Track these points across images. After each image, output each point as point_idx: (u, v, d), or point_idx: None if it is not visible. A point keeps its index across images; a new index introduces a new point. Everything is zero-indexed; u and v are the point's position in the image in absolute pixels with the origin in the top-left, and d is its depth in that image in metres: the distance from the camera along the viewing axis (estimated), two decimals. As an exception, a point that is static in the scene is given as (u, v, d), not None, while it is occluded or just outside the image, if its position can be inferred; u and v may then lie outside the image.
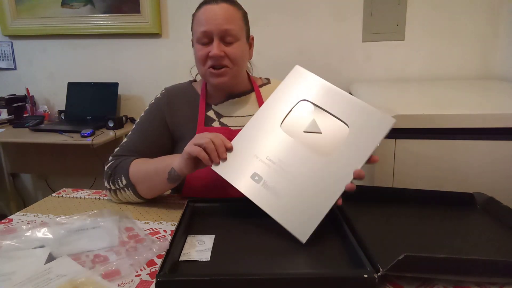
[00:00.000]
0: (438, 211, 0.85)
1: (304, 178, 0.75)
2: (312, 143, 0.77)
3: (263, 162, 0.78)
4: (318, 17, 2.09)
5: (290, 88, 0.84)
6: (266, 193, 0.75)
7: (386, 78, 2.08)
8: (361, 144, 0.75)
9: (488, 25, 1.94)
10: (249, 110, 1.05)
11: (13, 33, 2.45)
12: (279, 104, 0.83)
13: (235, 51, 0.96)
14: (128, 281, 0.62)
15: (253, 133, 0.82)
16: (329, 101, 0.80)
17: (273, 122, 0.81)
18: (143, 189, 0.93)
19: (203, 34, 0.94)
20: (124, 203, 0.96)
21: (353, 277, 0.58)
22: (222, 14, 0.94)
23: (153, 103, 1.07)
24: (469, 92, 1.53)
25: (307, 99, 0.81)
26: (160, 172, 0.89)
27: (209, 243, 0.72)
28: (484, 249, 0.71)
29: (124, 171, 0.93)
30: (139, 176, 0.92)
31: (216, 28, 0.93)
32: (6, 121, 2.36)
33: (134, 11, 2.25)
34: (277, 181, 0.75)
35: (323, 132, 0.78)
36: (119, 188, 0.94)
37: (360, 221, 0.75)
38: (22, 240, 0.74)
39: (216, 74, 0.96)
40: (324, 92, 0.81)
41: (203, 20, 0.95)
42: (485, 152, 1.07)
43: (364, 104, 0.78)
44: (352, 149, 0.75)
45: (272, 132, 0.80)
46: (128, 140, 1.02)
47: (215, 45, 0.94)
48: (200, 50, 0.96)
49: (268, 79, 1.14)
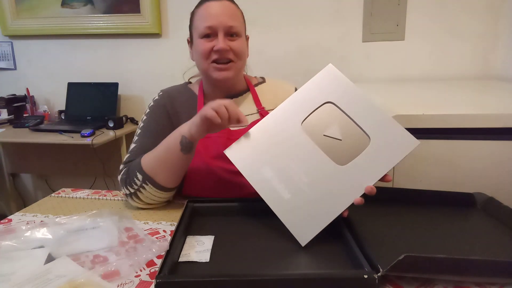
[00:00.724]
0: (438, 211, 0.85)
1: (315, 182, 0.73)
2: (330, 148, 0.75)
3: (277, 157, 0.76)
4: (318, 17, 2.09)
5: (318, 86, 0.80)
6: (274, 189, 0.74)
7: (386, 78, 2.08)
8: (379, 160, 0.72)
9: (488, 25, 1.94)
10: (247, 110, 1.05)
11: (13, 33, 2.45)
12: (304, 101, 0.79)
13: (240, 45, 0.97)
14: (127, 282, 0.62)
15: (272, 126, 0.79)
16: (355, 108, 0.77)
17: (294, 119, 0.78)
18: (162, 175, 0.89)
19: (208, 29, 0.95)
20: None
21: (353, 277, 0.58)
22: (226, 10, 0.95)
23: (153, 104, 1.05)
24: (469, 92, 1.53)
25: (333, 102, 0.78)
26: (172, 146, 0.87)
27: (209, 244, 0.71)
28: (484, 249, 0.70)
29: (137, 167, 0.90)
30: (153, 164, 0.89)
31: (221, 24, 0.94)
32: (6, 121, 2.36)
33: (134, 11, 2.25)
34: (288, 180, 0.75)
35: (343, 139, 0.75)
36: (137, 188, 0.90)
37: (360, 222, 0.75)
38: (21, 240, 0.74)
39: (220, 68, 0.96)
40: (352, 98, 0.78)
41: (207, 16, 0.95)
42: (485, 152, 1.07)
43: (391, 120, 0.75)
44: (369, 164, 0.72)
45: (292, 129, 0.78)
46: (137, 145, 0.99)
47: (220, 39, 0.94)
48: (203, 44, 0.96)
49: (263, 78, 1.14)
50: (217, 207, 0.86)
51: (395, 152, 0.72)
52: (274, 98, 1.07)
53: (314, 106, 0.79)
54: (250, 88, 1.08)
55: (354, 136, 0.75)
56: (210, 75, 0.99)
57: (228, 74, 0.97)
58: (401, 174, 1.12)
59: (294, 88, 1.09)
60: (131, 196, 0.91)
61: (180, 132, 0.86)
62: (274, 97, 1.07)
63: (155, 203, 0.93)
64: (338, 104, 0.78)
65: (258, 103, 1.05)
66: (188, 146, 0.86)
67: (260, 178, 0.76)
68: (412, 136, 0.73)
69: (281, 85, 1.11)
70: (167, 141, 0.89)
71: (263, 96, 1.07)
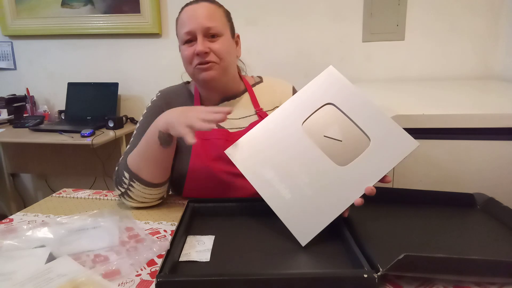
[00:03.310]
0: (438, 211, 0.85)
1: (315, 183, 0.74)
2: (330, 149, 0.75)
3: (278, 158, 0.77)
4: (318, 17, 2.09)
5: (319, 88, 0.80)
6: (275, 189, 0.75)
7: (386, 78, 2.08)
8: (379, 161, 0.73)
9: (488, 25, 1.94)
10: (245, 111, 1.04)
11: (13, 33, 2.45)
12: (304, 103, 0.80)
13: (220, 46, 0.96)
14: (128, 281, 0.62)
15: (273, 127, 0.80)
16: (356, 109, 0.77)
17: (295, 120, 0.79)
18: (146, 171, 0.89)
19: (187, 34, 0.95)
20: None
21: (353, 277, 0.58)
22: (203, 12, 0.95)
23: (151, 105, 1.06)
24: (469, 92, 1.53)
25: (333, 103, 0.78)
26: (151, 141, 0.87)
27: (209, 243, 0.72)
28: (484, 249, 0.71)
29: (124, 166, 0.91)
30: (136, 161, 0.90)
31: (198, 26, 0.94)
32: (6, 121, 2.36)
33: (134, 11, 2.25)
34: (288, 180, 0.75)
35: (343, 140, 0.76)
36: (126, 187, 0.90)
37: (360, 221, 0.75)
38: (22, 240, 0.74)
39: (202, 68, 0.95)
40: (352, 99, 0.78)
41: (185, 20, 0.96)
42: (485, 152, 1.07)
43: (391, 121, 0.75)
44: (369, 165, 0.73)
45: (293, 130, 0.78)
46: (131, 146, 0.99)
47: (199, 42, 0.94)
48: (186, 50, 0.96)
49: (261, 77, 1.13)
50: (217, 207, 0.86)
51: (394, 153, 0.73)
52: (272, 97, 1.07)
53: (314, 107, 0.79)
54: (247, 89, 1.08)
55: (354, 137, 0.75)
56: (197, 78, 0.99)
57: (211, 74, 0.96)
58: (401, 174, 1.12)
59: (292, 87, 1.10)
60: (123, 196, 0.92)
61: (157, 126, 0.86)
62: (272, 97, 1.07)
63: (148, 200, 0.92)
64: (339, 106, 0.78)
65: (256, 104, 1.05)
66: (167, 140, 0.86)
67: (260, 178, 0.76)
68: (412, 137, 0.74)
69: (279, 84, 1.10)
70: (146, 137, 0.89)
71: (261, 96, 1.07)
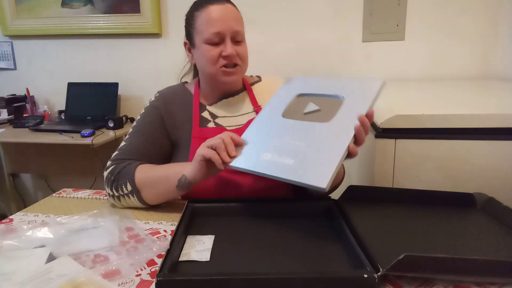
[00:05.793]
0: (438, 211, 0.85)
1: (311, 141, 0.78)
2: (314, 118, 0.84)
3: (271, 141, 0.82)
4: (318, 17, 2.09)
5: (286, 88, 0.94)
6: (277, 163, 0.76)
7: (386, 78, 2.08)
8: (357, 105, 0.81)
9: (488, 25, 1.94)
10: (243, 109, 1.05)
11: (13, 33, 2.45)
12: (278, 101, 0.92)
13: (244, 50, 0.99)
14: (128, 281, 0.62)
15: (258, 126, 0.88)
16: (321, 87, 0.90)
17: (275, 114, 0.88)
18: (149, 195, 0.91)
19: (216, 35, 0.95)
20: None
21: (353, 277, 0.58)
22: (232, 15, 0.96)
23: (148, 106, 1.06)
24: (469, 92, 1.53)
25: (302, 93, 0.91)
26: (171, 179, 0.87)
27: (209, 243, 0.72)
28: (484, 249, 0.71)
29: (129, 177, 0.91)
30: (145, 182, 0.90)
31: (229, 29, 0.95)
32: (6, 121, 2.36)
33: (134, 11, 2.25)
34: (286, 150, 0.78)
35: (321, 109, 0.85)
36: (123, 194, 0.92)
37: (360, 221, 0.75)
38: (22, 240, 0.74)
39: (229, 72, 0.97)
40: (315, 83, 0.92)
41: (213, 21, 0.94)
42: (485, 152, 1.07)
43: (353, 79, 0.88)
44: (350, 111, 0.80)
45: (276, 121, 0.87)
46: (127, 143, 1.00)
47: (228, 45, 0.95)
48: (211, 50, 0.96)
49: (259, 76, 1.15)
50: (217, 207, 0.86)
51: (367, 94, 0.82)
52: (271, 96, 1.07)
53: (288, 101, 0.91)
54: (246, 87, 1.09)
55: (330, 103, 0.85)
56: (218, 79, 0.99)
57: (235, 78, 1.00)
58: (401, 174, 1.12)
59: None
60: (112, 197, 0.94)
61: (183, 170, 0.87)
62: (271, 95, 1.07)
63: (133, 208, 0.95)
64: (306, 92, 0.91)
65: (254, 102, 1.07)
66: (186, 186, 0.86)
67: (261, 163, 0.78)
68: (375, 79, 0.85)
69: (277, 82, 1.11)
70: (169, 171, 0.90)
71: (259, 95, 1.09)
